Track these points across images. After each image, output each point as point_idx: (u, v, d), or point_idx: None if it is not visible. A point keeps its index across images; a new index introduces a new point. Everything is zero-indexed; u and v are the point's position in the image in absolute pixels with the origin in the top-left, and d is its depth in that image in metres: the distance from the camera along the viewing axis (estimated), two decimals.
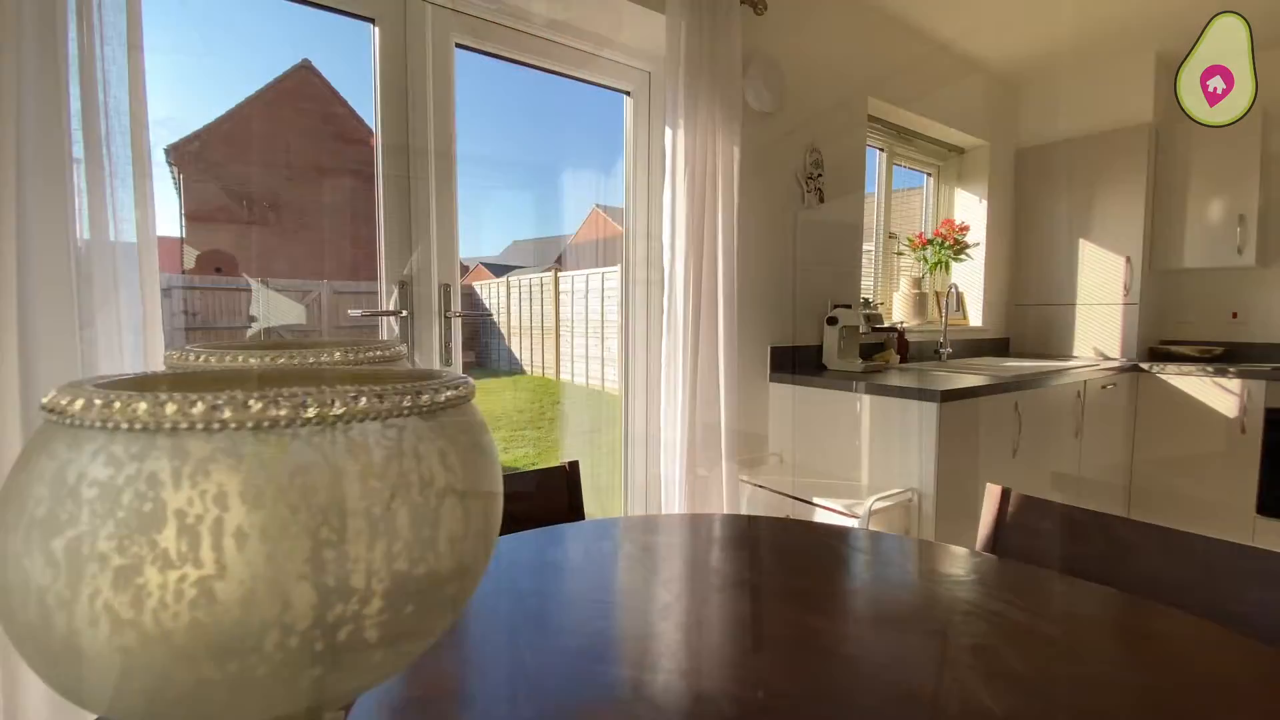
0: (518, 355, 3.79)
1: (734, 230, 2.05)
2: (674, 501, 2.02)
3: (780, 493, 2.04)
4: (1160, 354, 3.22)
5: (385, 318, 1.74)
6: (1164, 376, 2.96)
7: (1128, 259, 3.19)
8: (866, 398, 2.08)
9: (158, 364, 1.24)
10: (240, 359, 0.43)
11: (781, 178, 2.42)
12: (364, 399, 0.30)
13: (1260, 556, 0.80)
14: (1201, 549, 0.85)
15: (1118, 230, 3.23)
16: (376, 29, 1.71)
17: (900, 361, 2.83)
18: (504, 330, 3.81)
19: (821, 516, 1.89)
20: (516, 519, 1.14)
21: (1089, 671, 0.64)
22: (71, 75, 1.15)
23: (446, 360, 1.82)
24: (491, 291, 3.75)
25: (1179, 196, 3.12)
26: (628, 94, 2.22)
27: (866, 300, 2.82)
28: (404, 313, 1.74)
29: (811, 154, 2.50)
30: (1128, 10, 2.75)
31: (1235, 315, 3.22)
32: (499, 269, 3.79)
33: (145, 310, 1.23)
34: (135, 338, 1.22)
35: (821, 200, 2.55)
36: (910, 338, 3.04)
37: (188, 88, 1.84)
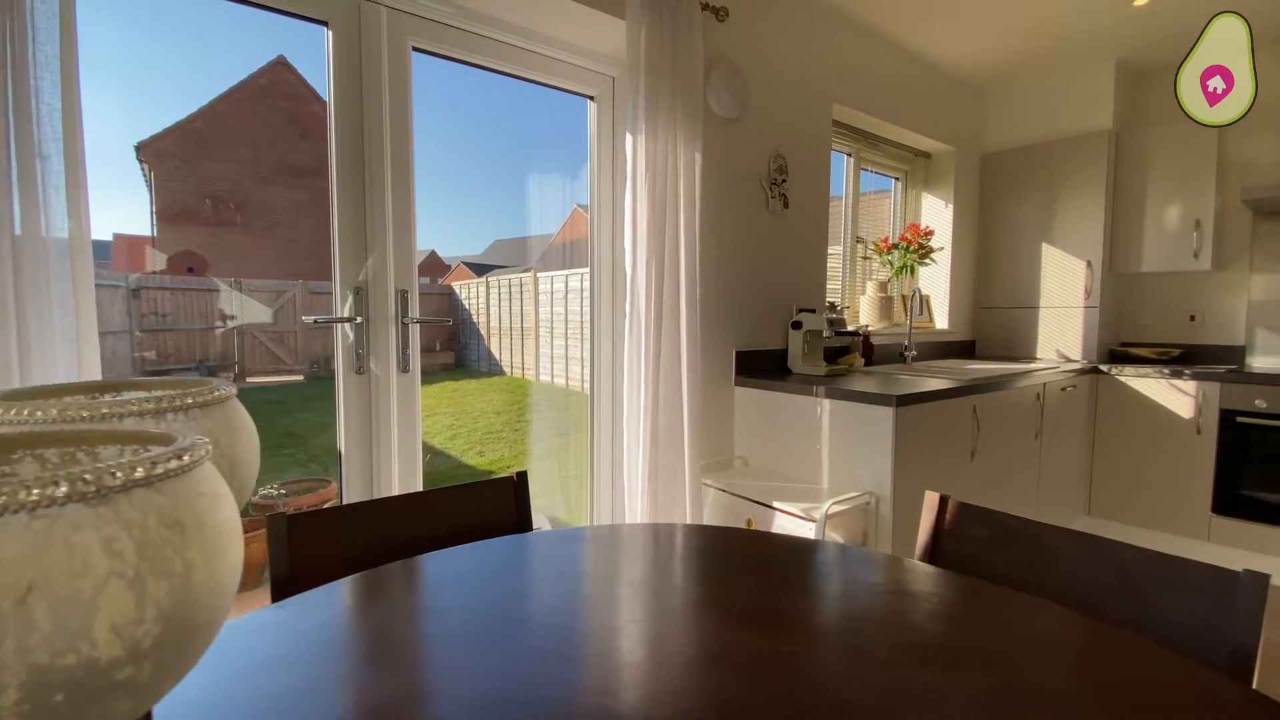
0: (497, 356, 3.77)
1: (696, 235, 2.06)
2: (637, 506, 2.02)
3: (742, 496, 2.05)
4: (1120, 356, 3.29)
5: (340, 324, 1.72)
6: (1122, 378, 3.02)
7: (1088, 263, 3.25)
8: (826, 402, 2.10)
9: (92, 370, 1.22)
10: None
11: (746, 183, 2.43)
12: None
13: (1175, 565, 0.81)
14: (1125, 556, 0.87)
15: (1079, 234, 3.29)
16: (330, 32, 1.69)
17: (865, 364, 2.86)
18: (484, 331, 3.78)
19: (781, 520, 1.90)
20: (461, 532, 1.13)
21: (1001, 684, 0.65)
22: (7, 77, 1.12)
23: (404, 367, 1.80)
24: (471, 292, 3.72)
25: (1137, 201, 3.19)
26: (591, 98, 2.22)
27: (833, 304, 2.84)
28: (359, 319, 1.72)
29: (776, 159, 2.51)
30: (1088, 20, 2.80)
31: (1193, 318, 3.30)
32: (481, 268, 3.76)
33: (79, 315, 1.20)
34: (70, 348, 1.19)
35: (786, 206, 2.57)
36: (876, 341, 3.07)
37: (135, 88, 1.81)
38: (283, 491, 2.71)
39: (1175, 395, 2.85)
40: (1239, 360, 3.12)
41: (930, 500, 1.08)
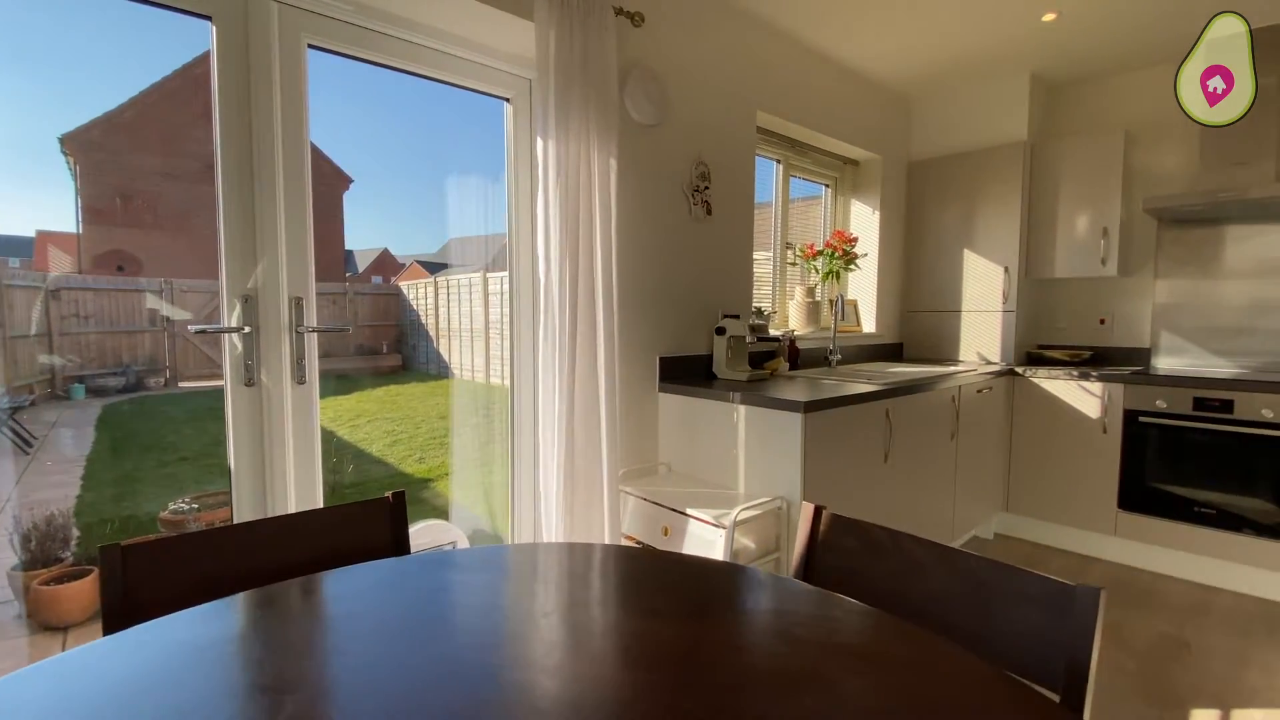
0: (447, 358, 3.67)
1: (612, 241, 2.04)
2: (553, 517, 1.98)
3: (658, 504, 2.03)
4: (1036, 358, 3.41)
5: (227, 334, 1.63)
6: (1036, 380, 3.13)
7: (1006, 269, 3.37)
8: (741, 408, 2.10)
9: None
10: None
11: (668, 190, 2.43)
12: None
13: (1017, 577, 0.83)
14: (973, 567, 0.88)
15: (997, 241, 3.40)
16: (214, 26, 1.61)
17: (790, 369, 2.89)
18: (433, 333, 3.67)
19: (693, 527, 1.89)
20: (329, 557, 1.08)
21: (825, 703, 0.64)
22: None
23: (300, 378, 1.73)
24: (420, 292, 3.62)
25: (1050, 210, 3.32)
26: (508, 100, 2.18)
27: (759, 309, 2.86)
28: (246, 328, 1.63)
29: (698, 166, 2.51)
30: (1002, 34, 2.90)
31: (1103, 321, 3.45)
32: (437, 267, 3.66)
33: None
34: None
35: (709, 213, 2.57)
36: (804, 345, 3.11)
37: (63, 78, 1.69)
38: (195, 506, 2.57)
39: (1084, 396, 2.98)
40: (1145, 361, 3.28)
41: (806, 511, 1.08)
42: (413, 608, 0.86)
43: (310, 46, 1.75)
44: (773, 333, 3.07)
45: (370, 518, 1.13)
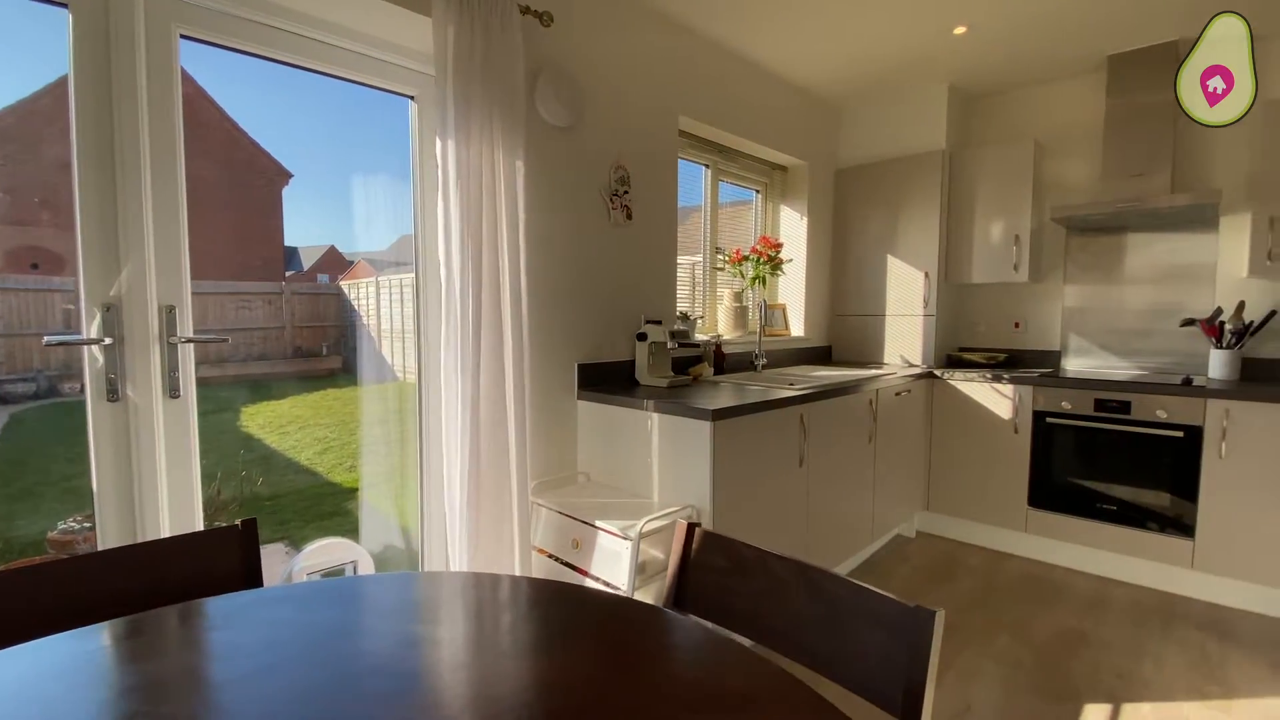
0: (389, 360, 3.53)
1: (520, 246, 1.98)
2: (458, 532, 1.91)
3: (568, 515, 1.99)
4: (955, 360, 3.51)
5: (86, 346, 1.51)
6: (953, 382, 3.22)
7: (926, 274, 3.45)
8: (655, 415, 2.08)
9: None
10: None
11: (586, 193, 2.38)
12: None
13: (866, 597, 0.81)
14: (829, 587, 0.86)
15: (918, 247, 3.49)
16: (70, 14, 1.48)
17: (715, 374, 2.88)
18: (375, 334, 3.52)
19: (601, 539, 1.85)
20: (172, 591, 0.99)
21: None
22: None
23: (173, 392, 1.61)
24: (361, 292, 3.46)
25: (967, 218, 3.42)
26: (412, 98, 2.09)
27: (684, 315, 2.85)
28: (107, 340, 1.51)
29: (617, 170, 2.48)
30: (918, 45, 2.96)
31: (1018, 325, 3.58)
32: (388, 265, 3.48)
33: None
34: None
35: (630, 217, 2.54)
36: (732, 349, 3.11)
37: None
38: (87, 525, 2.39)
39: (997, 398, 3.07)
40: (1056, 363, 3.42)
41: (679, 530, 1.05)
42: (223, 659, 0.79)
43: (184, 37, 1.64)
44: (699, 337, 3.06)
45: (216, 547, 1.05)
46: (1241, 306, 2.81)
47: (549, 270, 2.26)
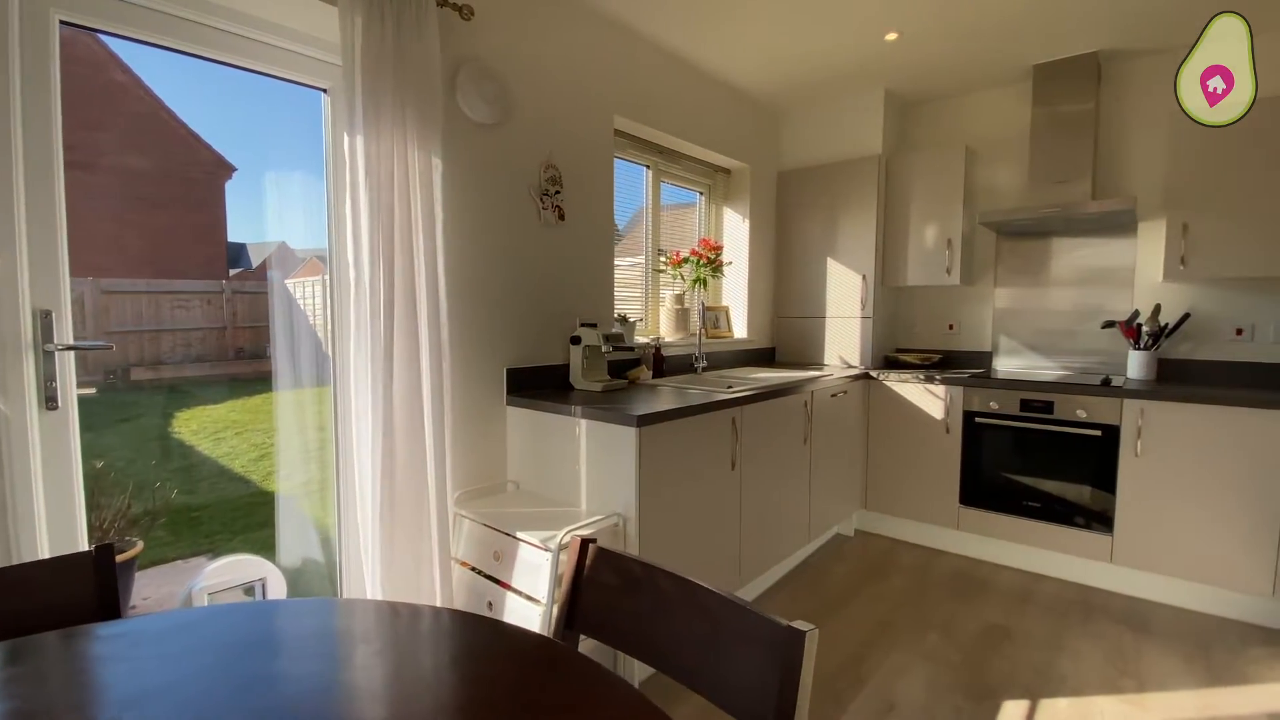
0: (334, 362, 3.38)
1: (438, 247, 1.91)
2: (371, 545, 1.83)
3: (491, 527, 1.93)
4: (893, 361, 3.57)
5: None
6: (888, 383, 3.27)
7: (864, 276, 3.50)
8: (583, 422, 2.03)
9: None
10: None
11: (515, 193, 2.32)
12: None
13: (743, 615, 0.79)
14: (714, 606, 0.83)
15: (856, 250, 3.53)
16: None
17: (654, 377, 2.86)
18: (321, 334, 3.37)
19: (523, 552, 1.80)
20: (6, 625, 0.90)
21: None
22: None
23: (50, 404, 1.49)
24: (306, 290, 3.30)
25: (903, 222, 3.48)
26: (325, 91, 2.00)
27: (623, 317, 2.81)
28: None
29: (548, 170, 2.43)
30: (853, 51, 2.99)
31: (951, 327, 3.66)
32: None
33: None
34: None
35: (562, 218, 2.49)
36: (673, 352, 3.09)
37: None
38: None
39: (930, 398, 3.13)
40: (988, 364, 3.50)
41: (573, 546, 1.01)
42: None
43: (64, 23, 1.52)
44: (640, 340, 3.03)
45: (65, 576, 0.96)
46: (1158, 309, 2.93)
47: (475, 272, 2.20)
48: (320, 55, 1.92)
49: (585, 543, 1.00)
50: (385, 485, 1.80)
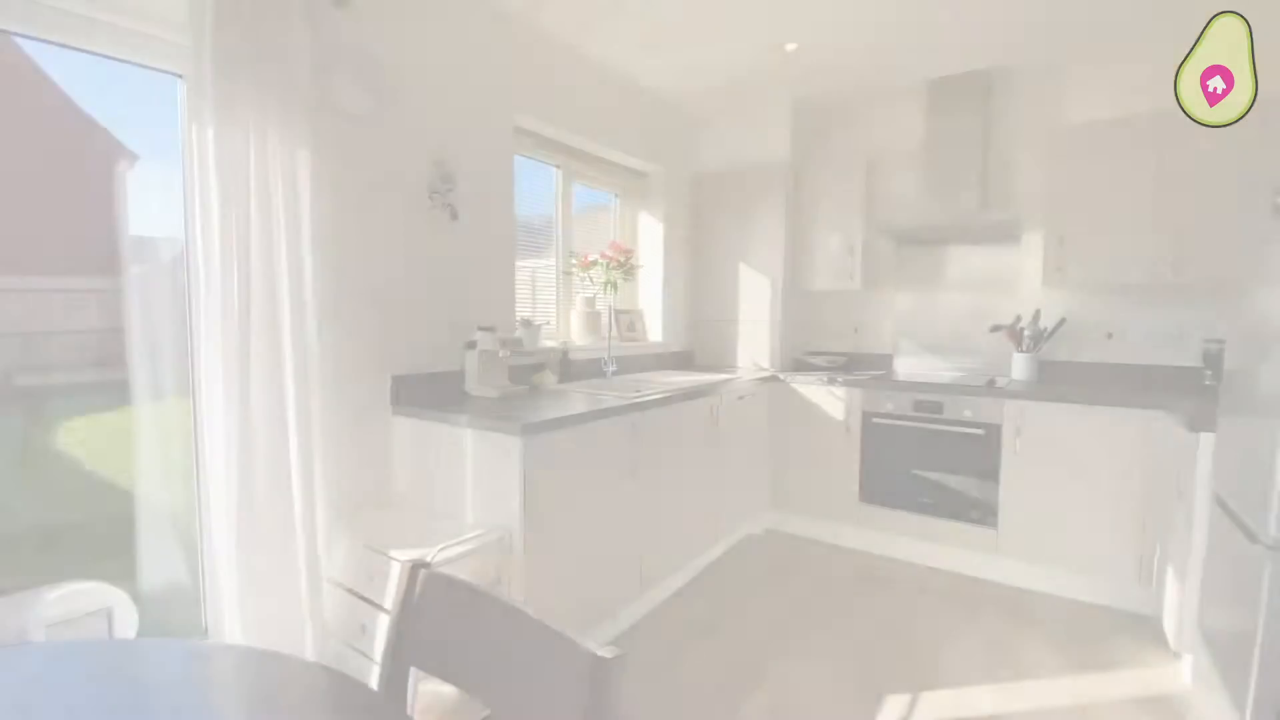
0: None
1: (305, 247, 1.78)
2: (231, 568, 1.69)
3: (365, 545, 1.81)
4: (802, 364, 3.64)
5: None
6: (795, 385, 3.33)
7: (774, 281, 3.55)
8: (469, 431, 1.95)
9: None
10: None
11: (400, 190, 2.21)
12: None
13: (554, 639, 0.74)
14: (531, 633, 0.78)
15: (766, 255, 3.58)
16: None
17: (558, 381, 2.79)
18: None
19: (395, 570, 1.70)
20: None
21: None
22: None
23: None
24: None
25: (809, 227, 3.56)
26: (181, 77, 1.83)
27: (527, 320, 2.73)
28: None
29: (439, 166, 2.32)
30: (760, 59, 3.02)
31: (856, 330, 3.76)
32: None
33: None
34: None
35: (455, 217, 2.39)
36: (584, 356, 3.04)
37: None
38: None
39: (832, 400, 3.20)
40: (889, 366, 3.62)
41: (401, 572, 0.94)
42: None
43: None
44: (548, 344, 2.96)
45: None
46: (1038, 314, 3.10)
47: (357, 274, 2.07)
48: (177, 38, 1.76)
49: (416, 568, 0.93)
50: (243, 504, 1.67)
